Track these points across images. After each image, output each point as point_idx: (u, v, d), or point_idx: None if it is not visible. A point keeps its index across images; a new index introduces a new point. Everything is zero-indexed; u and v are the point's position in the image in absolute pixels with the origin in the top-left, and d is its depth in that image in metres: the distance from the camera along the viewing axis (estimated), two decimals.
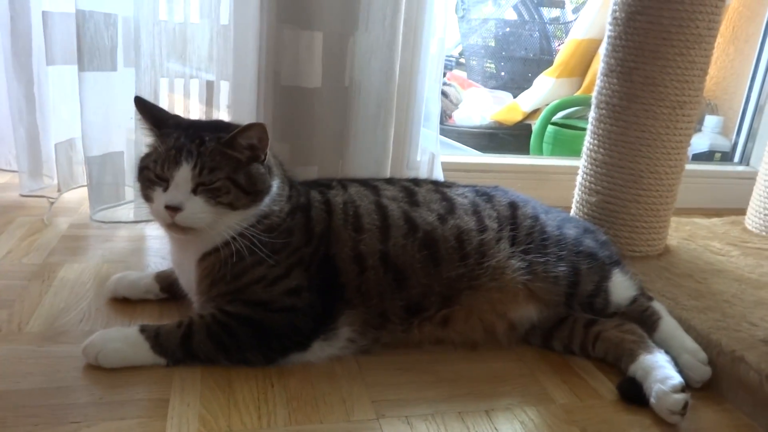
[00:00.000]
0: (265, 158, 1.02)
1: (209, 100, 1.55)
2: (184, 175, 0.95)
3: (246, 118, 1.50)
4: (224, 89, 1.54)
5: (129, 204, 1.56)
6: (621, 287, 1.16)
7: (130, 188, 1.57)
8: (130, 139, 1.52)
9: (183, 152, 0.96)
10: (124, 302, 1.16)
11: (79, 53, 1.38)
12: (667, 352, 1.04)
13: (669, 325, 1.12)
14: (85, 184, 1.54)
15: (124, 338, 0.97)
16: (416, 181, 1.24)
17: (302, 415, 0.89)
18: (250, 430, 0.85)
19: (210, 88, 1.54)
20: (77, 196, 1.63)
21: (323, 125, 1.56)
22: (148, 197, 1.00)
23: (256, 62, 1.48)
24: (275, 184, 1.05)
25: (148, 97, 1.47)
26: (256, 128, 0.98)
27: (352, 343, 1.05)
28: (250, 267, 1.00)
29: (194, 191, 0.96)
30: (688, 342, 1.08)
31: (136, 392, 0.90)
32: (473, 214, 1.15)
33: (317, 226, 1.08)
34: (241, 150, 0.99)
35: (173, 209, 0.95)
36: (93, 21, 1.38)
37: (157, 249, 1.42)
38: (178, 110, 1.57)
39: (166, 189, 0.96)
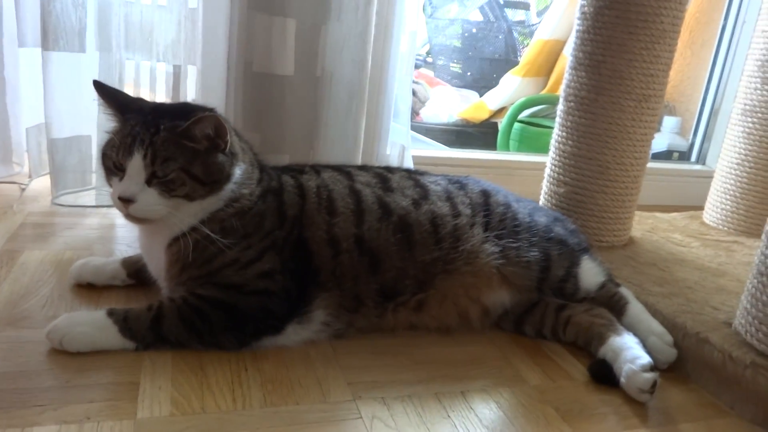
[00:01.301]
0: (226, 146, 0.98)
1: (176, 86, 1.51)
2: (136, 165, 0.93)
3: (215, 104, 1.46)
4: (192, 75, 1.51)
5: (93, 190, 1.51)
6: (590, 273, 1.19)
7: (95, 174, 1.52)
8: (99, 124, 1.47)
9: (136, 141, 0.93)
10: (88, 288, 1.12)
11: (44, 32, 1.34)
12: (635, 335, 1.07)
13: (636, 309, 1.15)
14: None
15: (91, 321, 0.94)
16: (389, 169, 1.24)
17: (278, 397, 0.88)
18: (224, 411, 0.83)
19: (177, 73, 1.50)
20: (43, 183, 1.57)
21: (294, 114, 1.55)
22: (110, 185, 0.98)
23: (225, 48, 1.45)
24: (239, 170, 1.02)
25: (113, 81, 1.44)
26: (208, 120, 0.94)
27: (327, 326, 1.04)
28: (222, 251, 0.98)
29: (148, 182, 0.93)
30: (655, 325, 1.11)
31: (104, 376, 0.87)
32: (447, 200, 1.16)
33: (290, 210, 1.06)
34: (198, 140, 0.95)
35: (126, 201, 0.93)
36: (60, 0, 1.33)
37: (123, 236, 1.38)
38: (145, 96, 1.53)
39: (121, 179, 0.94)
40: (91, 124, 1.49)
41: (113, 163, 0.95)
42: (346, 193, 1.10)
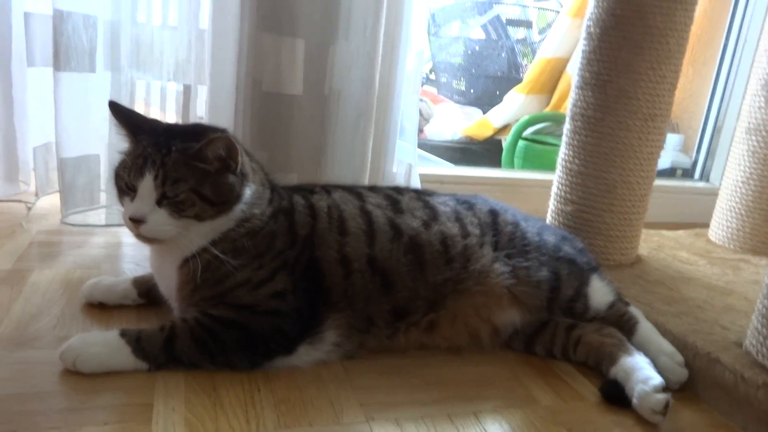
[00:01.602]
0: (237, 167, 0.99)
1: (186, 105, 1.52)
2: (147, 186, 0.94)
3: (224, 123, 1.48)
4: (202, 94, 1.53)
5: (102, 209, 1.52)
6: (599, 292, 1.19)
7: (104, 193, 1.53)
8: (106, 143, 1.48)
9: (147, 162, 0.94)
10: (99, 308, 1.13)
11: (56, 53, 1.35)
12: (646, 355, 1.07)
13: (646, 328, 1.15)
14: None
15: (103, 342, 0.94)
16: (398, 190, 1.25)
17: (291, 418, 0.88)
18: None
19: (187, 92, 1.52)
20: (50, 202, 1.58)
21: (302, 133, 1.56)
22: (122, 204, 0.99)
23: (234, 68, 1.47)
24: (249, 190, 1.02)
25: (124, 100, 1.45)
26: (220, 141, 0.95)
27: (338, 347, 1.04)
28: (233, 271, 0.98)
29: (158, 203, 0.94)
30: (665, 345, 1.11)
31: (117, 397, 0.87)
32: (456, 221, 1.16)
33: (301, 229, 1.07)
34: (210, 161, 0.96)
35: (136, 221, 0.94)
36: (71, 21, 1.35)
37: (131, 255, 1.39)
38: (155, 115, 1.54)
39: (132, 199, 0.95)
40: (99, 143, 1.50)
41: (125, 184, 0.96)
42: (357, 214, 1.11)
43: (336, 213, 1.10)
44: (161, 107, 1.51)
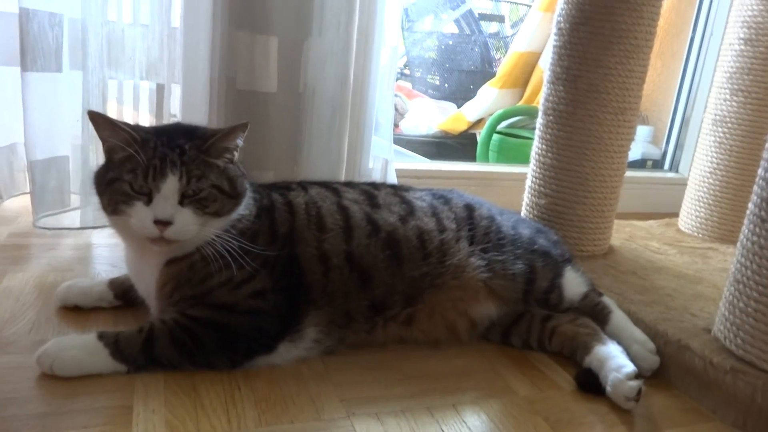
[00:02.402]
0: (233, 159, 1.01)
1: (160, 104, 1.51)
2: (171, 186, 0.91)
3: (198, 122, 1.47)
4: (176, 93, 1.51)
5: (74, 211, 1.50)
6: (573, 283, 1.21)
7: (76, 195, 1.50)
8: (75, 144, 1.46)
9: (167, 162, 0.92)
10: (75, 311, 1.11)
11: (22, 53, 1.32)
12: (619, 344, 1.09)
13: (619, 318, 1.18)
14: (28, 191, 1.47)
15: (81, 345, 0.93)
16: (375, 185, 1.25)
17: (272, 416, 0.88)
18: None
19: (161, 91, 1.50)
20: (20, 204, 1.55)
21: (278, 130, 1.55)
22: (119, 211, 0.94)
23: (208, 66, 1.46)
24: (248, 185, 1.04)
25: (96, 100, 1.43)
26: (241, 128, 0.97)
27: (318, 344, 1.05)
28: (217, 271, 0.98)
29: (181, 203, 0.93)
30: (638, 333, 1.14)
31: (96, 400, 0.87)
32: (432, 216, 1.17)
33: (281, 228, 1.07)
34: (219, 154, 0.97)
35: (164, 223, 0.91)
36: (37, 20, 1.33)
37: (105, 257, 1.37)
38: (127, 115, 1.53)
39: (148, 202, 0.92)
40: (68, 144, 1.48)
41: (133, 188, 0.92)
42: (335, 210, 1.11)
43: (314, 210, 1.11)
44: (134, 106, 1.49)
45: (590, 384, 1.04)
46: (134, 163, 0.92)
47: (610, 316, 1.17)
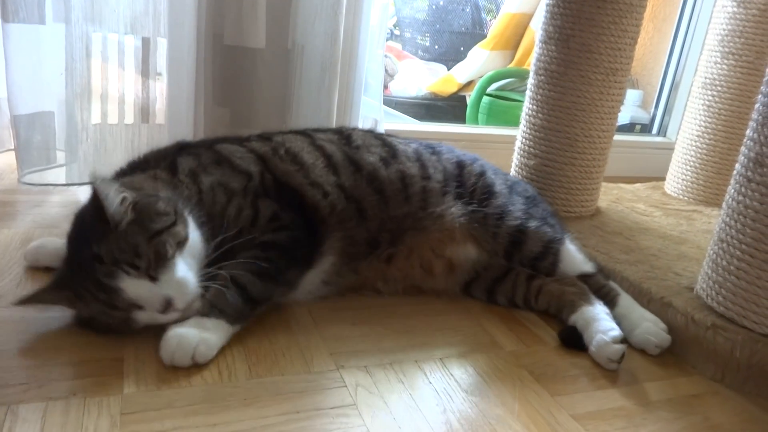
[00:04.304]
0: (129, 200, 0.89)
1: (145, 60, 1.48)
2: (133, 284, 0.85)
3: (184, 78, 1.45)
4: (162, 50, 1.48)
5: (60, 168, 1.48)
6: (575, 258, 1.19)
7: (62, 152, 1.48)
8: (61, 100, 1.43)
9: (108, 279, 0.84)
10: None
11: (3, 3, 1.28)
12: (630, 323, 1.09)
13: (627, 299, 1.15)
14: (12, 147, 1.44)
15: (203, 327, 0.89)
16: (348, 128, 1.26)
17: (263, 368, 0.89)
18: (211, 384, 0.85)
19: (146, 46, 1.47)
20: (3, 161, 1.53)
21: (266, 88, 1.53)
22: (131, 322, 0.88)
23: (194, 20, 1.42)
24: (164, 198, 0.94)
25: (79, 55, 1.39)
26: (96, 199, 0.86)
27: (327, 285, 1.09)
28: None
29: (151, 278, 0.86)
30: (648, 313, 1.11)
31: (87, 353, 0.87)
32: (416, 161, 1.18)
33: (245, 164, 1.07)
34: (116, 214, 0.86)
35: (167, 303, 0.86)
36: None
37: None
38: (113, 74, 1.48)
39: (140, 308, 0.87)
40: (53, 99, 1.45)
41: (116, 315, 0.87)
42: (310, 149, 1.13)
43: (282, 149, 1.11)
44: (119, 62, 1.46)
45: (573, 341, 1.06)
46: (89, 303, 0.87)
47: (618, 299, 1.14)
